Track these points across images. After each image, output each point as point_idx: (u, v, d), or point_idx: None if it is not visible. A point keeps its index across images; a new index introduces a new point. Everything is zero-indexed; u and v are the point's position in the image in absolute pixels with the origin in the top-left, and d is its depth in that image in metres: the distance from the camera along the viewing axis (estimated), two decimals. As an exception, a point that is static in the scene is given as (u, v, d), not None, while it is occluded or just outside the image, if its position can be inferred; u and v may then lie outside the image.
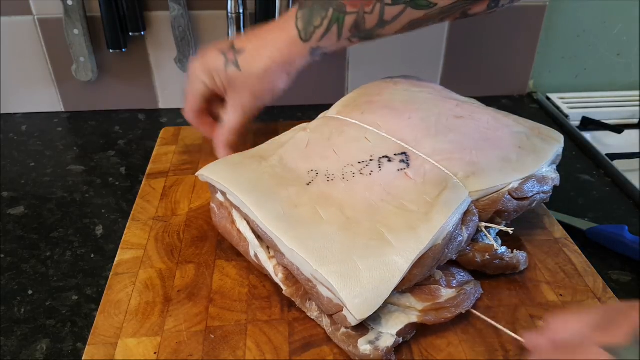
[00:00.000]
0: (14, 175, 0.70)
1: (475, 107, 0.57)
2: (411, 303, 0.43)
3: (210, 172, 0.50)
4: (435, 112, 0.55)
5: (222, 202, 0.50)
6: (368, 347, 0.40)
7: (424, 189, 0.46)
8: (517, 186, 0.48)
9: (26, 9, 0.76)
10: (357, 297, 0.38)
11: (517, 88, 0.91)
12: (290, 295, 0.44)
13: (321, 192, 0.46)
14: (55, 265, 0.55)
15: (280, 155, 0.51)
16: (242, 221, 0.48)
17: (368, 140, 0.51)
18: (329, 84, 0.86)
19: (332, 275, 0.39)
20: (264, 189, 0.46)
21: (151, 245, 0.52)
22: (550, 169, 0.52)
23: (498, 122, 0.55)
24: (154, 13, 0.78)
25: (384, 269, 0.40)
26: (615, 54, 0.90)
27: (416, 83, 0.62)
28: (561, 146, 0.53)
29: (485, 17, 0.62)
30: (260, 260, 0.46)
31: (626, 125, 0.84)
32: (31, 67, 0.81)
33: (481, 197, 0.47)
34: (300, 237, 0.42)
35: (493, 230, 0.50)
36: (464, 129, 0.53)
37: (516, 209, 0.49)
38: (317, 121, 0.56)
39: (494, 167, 0.49)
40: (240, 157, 0.52)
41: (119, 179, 0.69)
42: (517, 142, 0.52)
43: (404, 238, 0.42)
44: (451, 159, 0.49)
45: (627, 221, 0.61)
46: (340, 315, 0.40)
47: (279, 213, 0.44)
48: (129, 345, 0.42)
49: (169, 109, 0.87)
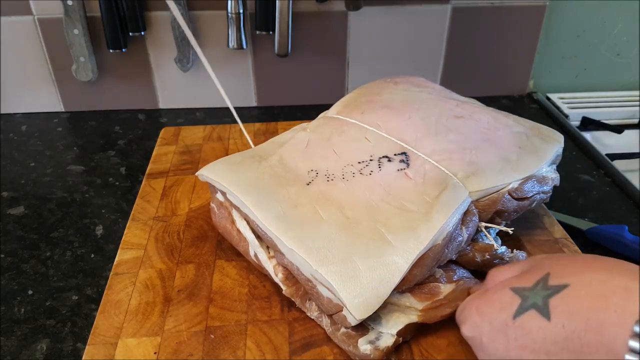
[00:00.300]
0: (14, 175, 0.70)
1: (475, 107, 0.57)
2: (411, 303, 0.43)
3: (210, 172, 0.49)
4: (435, 112, 0.55)
5: (222, 202, 0.50)
6: (368, 347, 0.40)
7: (423, 189, 0.46)
8: (517, 186, 0.48)
9: (26, 9, 0.76)
10: (357, 297, 0.38)
11: (517, 88, 0.91)
12: (290, 295, 0.44)
13: (321, 192, 0.46)
14: (55, 265, 0.55)
15: (280, 155, 0.51)
16: (242, 221, 0.48)
17: (368, 140, 0.51)
18: (329, 84, 0.86)
19: (332, 275, 0.39)
20: (264, 188, 0.46)
21: (151, 245, 0.52)
22: (550, 169, 0.52)
23: (498, 122, 0.55)
24: (154, 13, 0.78)
25: (384, 269, 0.40)
26: (615, 54, 0.90)
27: (416, 82, 0.62)
28: (561, 146, 0.53)
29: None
30: (260, 260, 0.46)
31: (626, 125, 0.84)
32: (31, 67, 0.81)
33: (481, 197, 0.47)
34: (300, 237, 0.42)
35: (493, 230, 0.50)
36: (463, 129, 0.52)
37: (516, 209, 0.49)
38: (317, 121, 0.56)
39: (494, 167, 0.49)
40: (240, 156, 0.51)
41: (119, 179, 0.69)
42: (517, 142, 0.52)
43: (403, 238, 0.42)
44: (451, 159, 0.49)
45: (627, 221, 0.61)
46: (340, 315, 0.40)
47: (279, 213, 0.44)
48: (129, 345, 0.42)
49: (169, 109, 0.87)
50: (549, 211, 0.57)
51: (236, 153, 0.53)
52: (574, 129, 0.80)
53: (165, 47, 0.81)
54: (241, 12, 0.76)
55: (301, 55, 0.83)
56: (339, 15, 0.80)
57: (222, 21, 0.79)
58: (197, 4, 0.78)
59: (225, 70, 0.84)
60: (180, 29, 0.77)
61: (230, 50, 0.82)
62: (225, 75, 0.84)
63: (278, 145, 0.53)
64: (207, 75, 0.84)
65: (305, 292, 0.44)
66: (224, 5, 0.76)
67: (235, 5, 0.75)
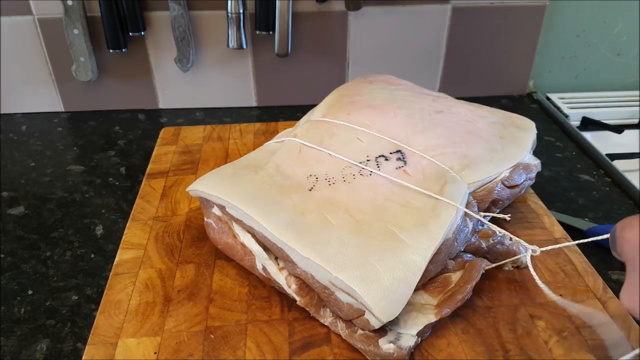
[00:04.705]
0: (14, 175, 0.70)
1: (449, 101, 0.58)
2: (425, 300, 0.43)
3: (204, 187, 0.47)
4: (417, 108, 0.55)
5: (220, 217, 0.48)
6: (392, 346, 0.39)
7: (425, 185, 0.46)
8: (509, 174, 0.51)
9: (26, 9, 0.76)
10: (382, 300, 0.38)
11: (517, 88, 0.91)
12: (305, 305, 0.44)
13: (325, 197, 0.46)
14: (55, 265, 0.55)
15: (276, 163, 0.49)
16: (246, 234, 0.46)
17: (361, 141, 0.51)
18: (329, 84, 0.86)
19: (354, 281, 0.38)
20: (267, 198, 0.45)
21: (151, 245, 0.52)
22: (531, 156, 0.55)
23: (474, 114, 0.57)
24: (154, 13, 0.78)
25: (403, 269, 0.39)
26: (615, 54, 0.90)
27: (389, 81, 0.63)
28: (535, 133, 0.56)
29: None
30: (270, 273, 0.45)
31: (626, 125, 0.83)
32: (31, 67, 0.81)
33: (477, 188, 0.49)
34: (314, 245, 0.41)
35: (487, 218, 0.51)
36: (448, 123, 0.54)
37: (509, 197, 0.52)
38: (304, 125, 0.55)
39: (485, 158, 0.50)
40: (232, 167, 0.50)
41: (119, 179, 0.69)
42: (497, 132, 0.54)
43: (416, 236, 0.42)
44: (444, 154, 0.50)
45: (627, 221, 0.61)
46: (362, 320, 0.39)
47: (287, 222, 0.43)
48: (129, 345, 0.42)
49: (169, 109, 0.87)
50: (549, 211, 0.57)
51: (225, 165, 0.51)
52: (574, 129, 0.80)
53: (165, 47, 0.81)
54: (241, 12, 0.76)
55: (301, 55, 0.83)
56: (339, 15, 0.80)
57: (222, 21, 0.79)
58: (197, 4, 0.78)
59: (225, 70, 0.84)
60: (180, 29, 0.77)
61: (230, 50, 0.82)
62: (225, 75, 0.84)
63: (269, 153, 0.52)
64: (207, 75, 0.84)
65: (319, 300, 0.43)
66: (224, 5, 0.76)
67: (235, 5, 0.75)
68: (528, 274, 0.49)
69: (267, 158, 0.51)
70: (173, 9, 0.76)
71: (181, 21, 0.77)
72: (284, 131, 0.56)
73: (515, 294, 0.47)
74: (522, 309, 0.45)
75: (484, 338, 0.43)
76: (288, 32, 0.78)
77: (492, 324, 0.44)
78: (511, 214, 0.54)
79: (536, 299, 0.46)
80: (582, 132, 0.80)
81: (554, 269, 0.50)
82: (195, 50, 0.81)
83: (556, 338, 0.42)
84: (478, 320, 0.44)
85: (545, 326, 0.43)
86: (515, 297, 0.47)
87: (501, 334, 0.43)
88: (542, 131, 0.79)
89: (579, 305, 0.45)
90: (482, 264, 0.45)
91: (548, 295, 0.41)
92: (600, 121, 0.82)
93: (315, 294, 0.43)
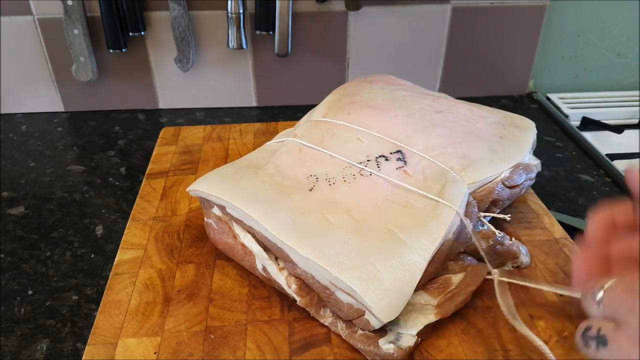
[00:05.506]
0: (14, 175, 0.70)
1: (449, 101, 0.58)
2: (426, 300, 0.43)
3: (205, 187, 0.47)
4: (417, 108, 0.55)
5: (220, 217, 0.48)
6: (392, 346, 0.39)
7: (425, 185, 0.46)
8: (509, 175, 0.51)
9: (26, 9, 0.76)
10: (382, 300, 0.38)
11: (517, 88, 0.91)
12: (305, 305, 0.44)
13: (325, 197, 0.45)
14: (55, 265, 0.55)
15: (276, 164, 0.49)
16: (246, 234, 0.46)
17: (361, 141, 0.51)
18: (329, 84, 0.86)
19: (354, 281, 0.38)
20: (267, 199, 0.45)
21: (151, 245, 0.52)
22: (531, 156, 0.55)
23: (474, 114, 0.56)
24: (154, 13, 0.78)
25: (404, 269, 0.39)
26: (615, 54, 0.90)
27: (389, 80, 0.63)
28: (535, 133, 0.56)
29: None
30: (270, 273, 0.45)
31: (626, 125, 0.83)
32: (31, 67, 0.81)
33: (477, 189, 0.48)
34: (314, 245, 0.41)
35: (487, 219, 0.51)
36: (447, 124, 0.54)
37: (509, 197, 0.51)
38: (304, 125, 0.55)
39: (485, 158, 0.50)
40: (232, 167, 0.50)
41: (119, 179, 0.69)
42: (497, 132, 0.54)
43: (417, 236, 0.42)
44: (444, 154, 0.50)
45: (627, 221, 0.61)
46: (362, 320, 0.39)
47: (288, 222, 0.43)
48: (129, 345, 0.42)
49: (169, 109, 0.87)
50: (549, 211, 0.57)
51: (225, 165, 0.51)
52: (574, 129, 0.80)
53: (165, 47, 0.81)
54: (241, 12, 0.76)
55: (301, 55, 0.83)
56: (339, 15, 0.80)
57: (222, 21, 0.79)
58: (197, 4, 0.78)
59: (225, 70, 0.84)
60: (180, 29, 0.77)
61: (230, 50, 0.82)
62: (225, 75, 0.84)
63: (269, 153, 0.52)
64: (207, 75, 0.84)
65: (319, 300, 0.43)
66: (224, 5, 0.76)
67: (235, 5, 0.75)
68: (529, 274, 0.49)
69: (267, 158, 0.51)
70: (173, 9, 0.76)
71: (181, 21, 0.77)
72: (284, 131, 0.56)
73: (515, 294, 0.47)
74: (522, 309, 0.45)
75: (484, 338, 0.43)
76: (288, 32, 0.78)
77: (492, 324, 0.44)
78: (511, 214, 0.54)
79: (536, 299, 0.46)
80: (582, 132, 0.80)
81: (554, 269, 0.50)
82: (195, 50, 0.81)
83: (556, 338, 0.42)
84: (478, 321, 0.44)
85: (545, 326, 0.43)
86: (515, 297, 0.47)
87: (501, 334, 0.43)
88: (542, 131, 0.79)
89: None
90: (484, 271, 0.45)
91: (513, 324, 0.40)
92: (600, 121, 0.82)
93: (316, 294, 0.43)
